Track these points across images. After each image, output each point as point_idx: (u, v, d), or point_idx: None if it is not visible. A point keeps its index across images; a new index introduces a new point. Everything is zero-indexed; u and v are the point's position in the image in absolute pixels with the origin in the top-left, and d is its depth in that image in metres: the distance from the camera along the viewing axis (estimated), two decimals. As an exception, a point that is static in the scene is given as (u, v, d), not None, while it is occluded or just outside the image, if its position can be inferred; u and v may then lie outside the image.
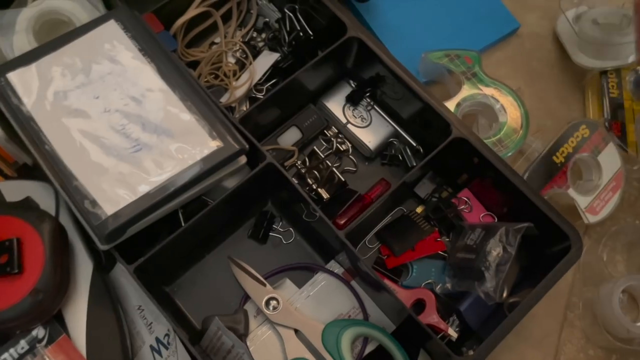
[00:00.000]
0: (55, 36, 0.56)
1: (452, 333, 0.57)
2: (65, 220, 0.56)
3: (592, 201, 0.66)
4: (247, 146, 0.55)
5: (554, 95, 0.75)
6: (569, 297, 0.65)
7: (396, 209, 0.66)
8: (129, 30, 0.56)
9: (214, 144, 0.53)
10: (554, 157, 0.66)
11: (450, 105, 0.66)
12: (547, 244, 0.58)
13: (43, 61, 0.54)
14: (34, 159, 0.54)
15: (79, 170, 0.50)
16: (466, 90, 0.67)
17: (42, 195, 0.57)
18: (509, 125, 0.66)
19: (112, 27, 0.56)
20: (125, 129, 0.53)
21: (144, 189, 0.50)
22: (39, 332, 0.51)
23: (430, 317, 0.57)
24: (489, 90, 0.68)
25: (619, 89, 0.71)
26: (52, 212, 0.56)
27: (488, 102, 0.67)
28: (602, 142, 0.68)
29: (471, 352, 0.53)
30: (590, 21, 0.73)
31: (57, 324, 0.52)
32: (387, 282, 0.60)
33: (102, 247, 0.51)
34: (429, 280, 0.61)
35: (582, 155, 0.67)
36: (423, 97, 0.61)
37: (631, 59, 0.71)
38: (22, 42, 0.60)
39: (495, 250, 0.56)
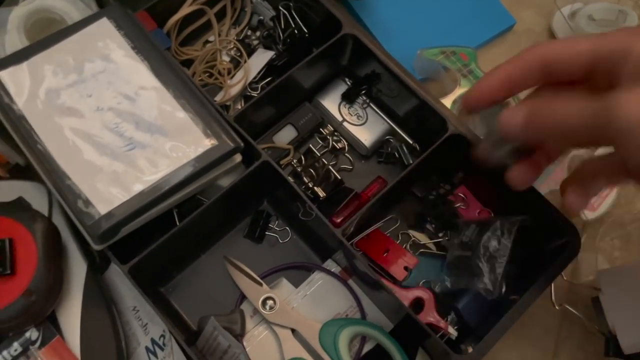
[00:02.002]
0: (47, 34, 0.56)
1: (452, 331, 0.56)
2: (58, 220, 0.56)
3: (590, 198, 0.65)
4: (242, 144, 0.54)
5: (550, 91, 0.75)
6: (567, 294, 0.65)
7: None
8: (122, 28, 0.56)
9: (208, 142, 0.53)
10: (551, 154, 0.66)
11: (447, 102, 0.66)
12: (545, 241, 0.58)
13: (35, 60, 0.53)
14: (26, 159, 0.53)
15: (72, 169, 0.50)
16: (462, 87, 0.67)
17: (34, 195, 0.56)
18: (505, 121, 0.65)
19: (104, 25, 0.56)
20: (119, 127, 0.52)
21: (137, 187, 0.50)
22: (32, 333, 0.51)
23: (430, 315, 0.57)
24: (485, 87, 0.67)
25: (615, 85, 0.71)
26: (45, 213, 0.56)
27: (484, 99, 0.66)
28: (599, 138, 0.67)
29: (470, 349, 0.53)
30: (586, 17, 0.73)
31: (50, 325, 0.51)
32: (385, 281, 0.59)
33: (96, 247, 0.50)
34: (428, 279, 0.61)
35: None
36: (419, 94, 0.60)
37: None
38: (13, 40, 0.59)
39: (490, 245, 0.56)
